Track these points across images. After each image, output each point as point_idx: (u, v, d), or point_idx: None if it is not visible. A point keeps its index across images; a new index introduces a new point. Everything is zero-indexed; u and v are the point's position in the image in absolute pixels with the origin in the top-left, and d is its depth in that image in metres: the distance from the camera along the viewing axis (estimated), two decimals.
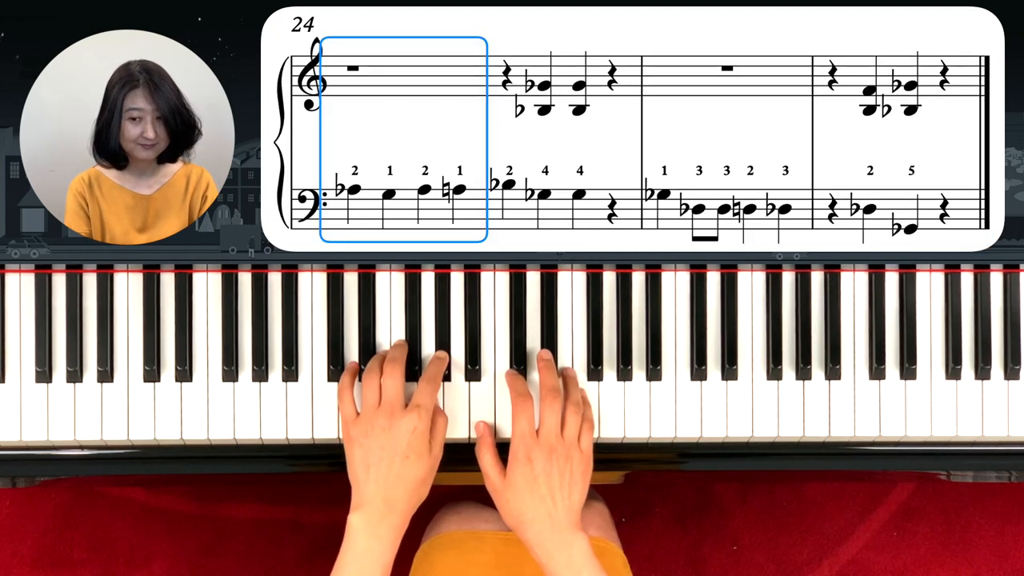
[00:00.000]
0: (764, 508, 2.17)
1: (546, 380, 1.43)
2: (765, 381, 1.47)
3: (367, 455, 1.36)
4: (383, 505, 1.34)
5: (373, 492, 1.35)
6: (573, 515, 1.38)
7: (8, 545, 2.14)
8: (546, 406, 1.40)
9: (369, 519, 1.34)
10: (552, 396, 1.41)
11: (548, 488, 1.37)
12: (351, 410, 1.40)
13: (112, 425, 1.45)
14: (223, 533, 2.14)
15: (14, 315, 1.45)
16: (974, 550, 2.18)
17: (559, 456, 1.38)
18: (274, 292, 1.46)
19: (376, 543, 1.34)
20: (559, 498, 1.38)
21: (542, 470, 1.38)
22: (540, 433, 1.39)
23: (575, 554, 1.36)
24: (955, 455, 1.50)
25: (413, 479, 1.36)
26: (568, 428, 1.40)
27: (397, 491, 1.35)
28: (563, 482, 1.38)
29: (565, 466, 1.39)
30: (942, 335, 1.48)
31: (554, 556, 1.36)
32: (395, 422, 1.36)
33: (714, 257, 1.45)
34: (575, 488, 1.39)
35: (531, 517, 1.37)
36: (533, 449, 1.38)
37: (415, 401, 1.38)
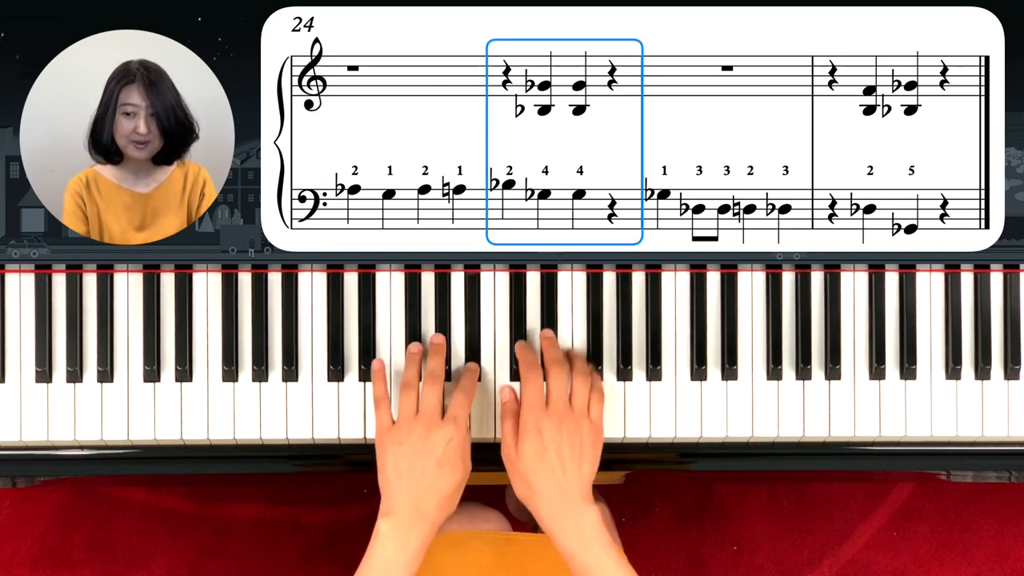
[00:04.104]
0: (764, 508, 2.17)
1: (550, 353, 1.42)
2: (765, 381, 1.47)
3: (399, 462, 1.35)
4: (414, 513, 1.34)
5: (405, 500, 1.34)
6: (584, 486, 1.36)
7: (8, 545, 2.14)
8: (552, 377, 1.39)
9: (398, 527, 1.33)
10: (558, 367, 1.40)
11: (558, 458, 1.36)
12: (387, 418, 1.39)
13: (112, 425, 1.45)
14: (223, 533, 2.14)
15: (14, 315, 1.45)
16: (974, 550, 2.18)
17: (568, 426, 1.37)
18: (274, 292, 1.46)
19: (404, 551, 1.33)
20: (569, 468, 1.36)
21: (551, 440, 1.36)
22: (549, 403, 1.38)
23: (586, 526, 1.34)
24: (955, 455, 1.50)
25: (446, 489, 1.35)
26: (577, 397, 1.39)
27: (429, 500, 1.34)
28: (573, 452, 1.36)
29: (575, 435, 1.37)
30: (942, 335, 1.48)
31: (564, 527, 1.35)
32: (432, 433, 1.35)
33: (714, 257, 1.45)
34: (585, 458, 1.37)
35: (541, 487, 1.36)
36: (542, 419, 1.37)
37: (451, 413, 1.37)
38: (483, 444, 1.46)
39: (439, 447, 1.35)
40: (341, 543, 1.34)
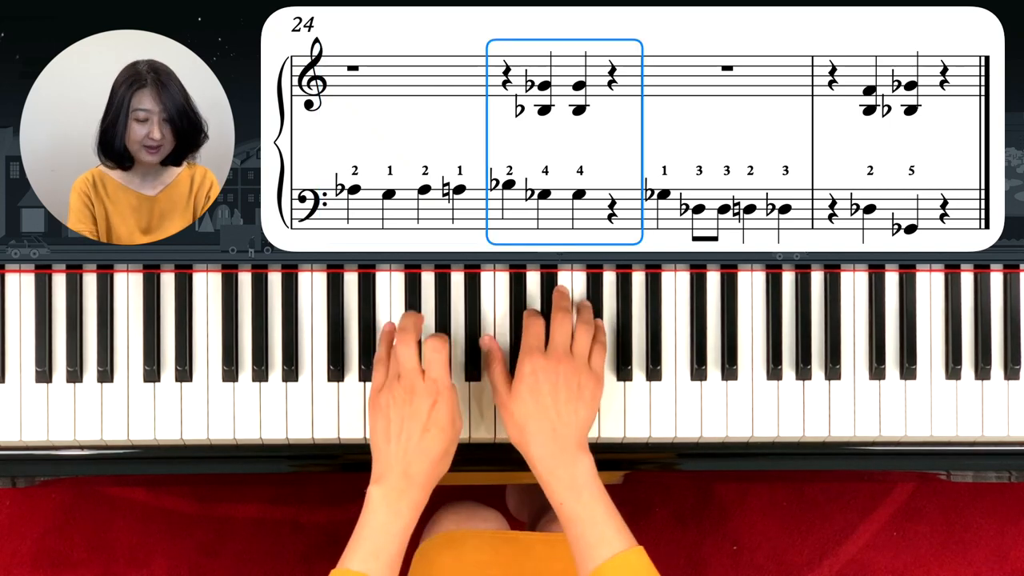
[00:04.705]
0: (764, 508, 2.17)
1: (558, 301, 1.41)
2: (765, 381, 1.47)
3: (388, 426, 1.33)
4: (403, 479, 1.31)
5: (393, 464, 1.32)
6: (578, 433, 1.34)
7: (8, 545, 2.14)
8: (556, 322, 1.38)
9: (388, 493, 1.31)
10: (562, 313, 1.39)
11: (553, 401, 1.34)
12: (381, 379, 1.37)
13: (112, 425, 1.45)
14: (223, 533, 2.14)
15: (14, 315, 1.45)
16: (974, 550, 2.18)
17: (566, 370, 1.35)
18: (274, 292, 1.46)
19: (395, 518, 1.31)
20: (564, 412, 1.34)
21: (547, 381, 1.34)
22: (548, 347, 1.37)
23: (578, 473, 1.32)
24: (955, 455, 1.50)
25: (434, 453, 1.32)
26: (578, 344, 1.38)
27: (417, 465, 1.32)
28: (570, 396, 1.34)
29: (572, 380, 1.35)
30: (942, 335, 1.48)
31: (555, 473, 1.33)
32: (415, 397, 1.33)
33: (714, 257, 1.46)
34: (582, 405, 1.35)
35: (534, 430, 1.34)
36: (539, 361, 1.35)
37: (430, 376, 1.34)
38: (483, 444, 1.46)
39: (423, 411, 1.33)
40: (341, 543, 1.33)
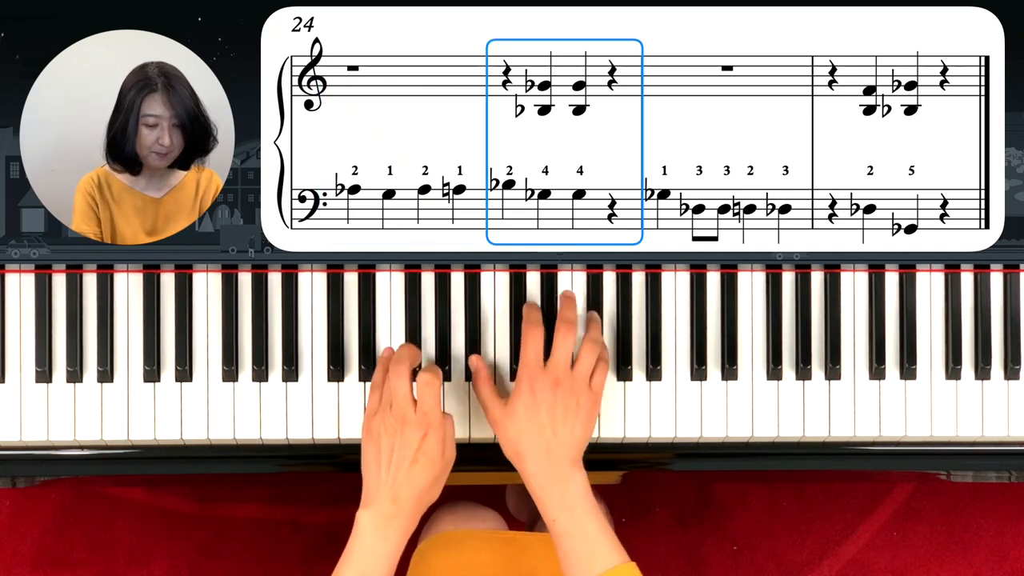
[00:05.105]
0: (764, 508, 2.17)
1: (564, 313, 1.39)
2: (765, 381, 1.47)
3: (379, 453, 1.33)
4: (391, 505, 1.32)
5: (383, 490, 1.32)
6: (573, 450, 1.34)
7: (8, 545, 2.14)
8: (559, 336, 1.37)
9: (377, 518, 1.32)
10: (567, 328, 1.37)
11: (549, 418, 1.33)
12: (375, 405, 1.37)
13: (112, 425, 1.45)
14: (223, 533, 2.14)
15: (14, 315, 1.45)
16: (974, 550, 2.18)
17: (565, 389, 1.34)
18: (274, 292, 1.46)
19: (382, 543, 1.32)
20: (561, 431, 1.33)
21: (544, 400, 1.33)
22: (548, 363, 1.36)
23: (570, 490, 1.32)
24: (955, 455, 1.50)
25: (422, 483, 1.33)
26: (581, 363, 1.37)
27: (405, 492, 1.32)
28: (567, 415, 1.34)
29: (570, 399, 1.34)
30: (942, 335, 1.48)
31: (548, 490, 1.32)
32: (406, 428, 1.33)
33: (714, 257, 1.45)
34: (578, 423, 1.34)
35: (528, 447, 1.33)
36: (538, 378, 1.34)
37: (421, 409, 1.34)
38: (483, 444, 1.46)
39: (413, 443, 1.32)
40: (341, 543, 1.34)
